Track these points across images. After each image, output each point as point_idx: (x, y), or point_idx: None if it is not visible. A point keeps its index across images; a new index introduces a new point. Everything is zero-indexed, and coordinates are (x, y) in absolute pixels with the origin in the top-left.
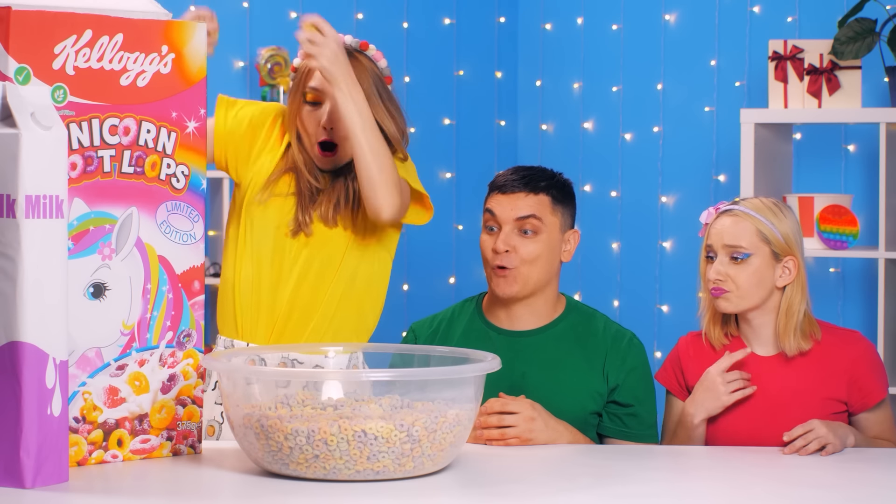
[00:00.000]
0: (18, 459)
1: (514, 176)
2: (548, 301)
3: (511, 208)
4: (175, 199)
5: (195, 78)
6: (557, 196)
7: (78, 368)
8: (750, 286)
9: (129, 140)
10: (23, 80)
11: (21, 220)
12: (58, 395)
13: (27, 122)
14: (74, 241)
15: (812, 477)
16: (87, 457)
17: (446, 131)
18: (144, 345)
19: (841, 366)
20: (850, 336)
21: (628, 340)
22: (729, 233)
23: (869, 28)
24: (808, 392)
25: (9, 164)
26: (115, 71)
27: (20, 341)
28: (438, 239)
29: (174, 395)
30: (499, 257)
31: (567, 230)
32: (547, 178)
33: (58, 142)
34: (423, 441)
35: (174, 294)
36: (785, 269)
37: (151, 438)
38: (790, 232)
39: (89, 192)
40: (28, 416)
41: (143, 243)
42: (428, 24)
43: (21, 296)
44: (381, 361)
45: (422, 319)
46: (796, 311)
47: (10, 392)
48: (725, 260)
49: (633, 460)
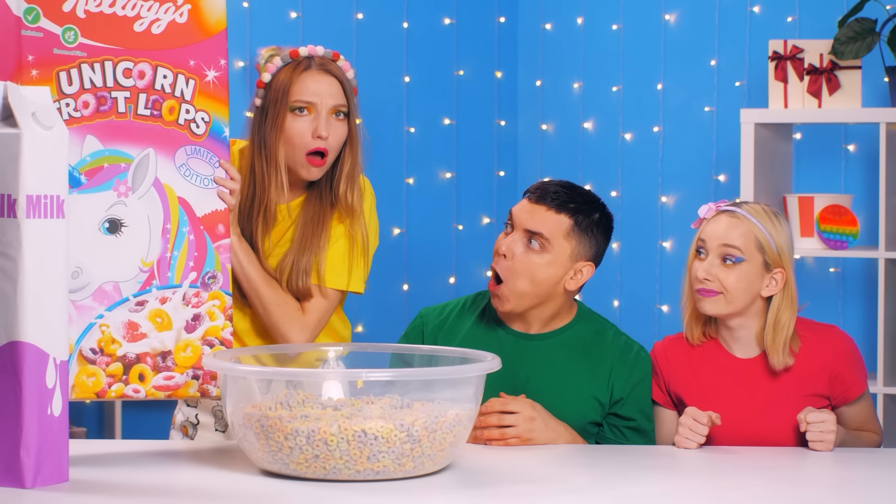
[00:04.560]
0: (18, 459)
1: (549, 187)
2: (555, 310)
3: (527, 217)
4: (195, 144)
5: (214, 29)
6: (582, 223)
7: (94, 300)
8: (737, 290)
9: (144, 84)
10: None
11: (22, 219)
12: (58, 395)
13: (28, 122)
14: (88, 176)
15: (810, 476)
16: (107, 389)
17: (446, 131)
18: (166, 283)
19: (821, 362)
20: (828, 332)
21: (636, 353)
22: (726, 234)
23: (869, 28)
24: (790, 391)
25: (10, 163)
26: (129, 17)
27: (21, 341)
28: (438, 239)
29: (200, 335)
30: (497, 259)
31: (580, 260)
32: (580, 201)
33: (59, 142)
34: (423, 441)
35: (196, 236)
36: (773, 279)
37: (176, 376)
38: (784, 244)
39: (103, 130)
40: (28, 416)
41: (161, 184)
42: (428, 24)
43: (22, 296)
44: (381, 361)
45: (432, 306)
46: (785, 326)
47: (11, 392)
48: (716, 261)
49: (632, 460)
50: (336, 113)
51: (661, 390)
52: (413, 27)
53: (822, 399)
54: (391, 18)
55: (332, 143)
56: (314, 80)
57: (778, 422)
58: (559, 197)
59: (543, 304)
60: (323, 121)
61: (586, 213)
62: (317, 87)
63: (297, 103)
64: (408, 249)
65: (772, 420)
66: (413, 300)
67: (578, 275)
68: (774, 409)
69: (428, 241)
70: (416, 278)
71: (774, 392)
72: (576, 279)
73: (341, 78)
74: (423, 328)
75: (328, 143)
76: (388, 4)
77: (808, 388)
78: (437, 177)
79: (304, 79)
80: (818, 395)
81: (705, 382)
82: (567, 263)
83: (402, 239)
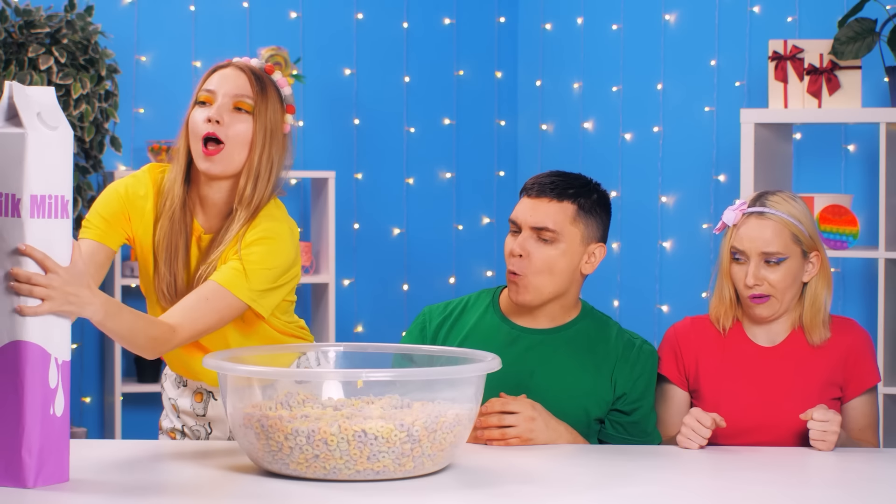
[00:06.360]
0: (20, 459)
1: (544, 180)
2: (564, 306)
3: (531, 214)
4: None
5: None
6: (585, 206)
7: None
8: (785, 287)
9: None
10: None
11: (26, 219)
12: (60, 395)
13: (33, 122)
14: None
15: (812, 476)
16: None
17: (446, 131)
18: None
19: (838, 350)
20: (846, 323)
21: (638, 347)
22: (763, 239)
23: (869, 28)
24: (808, 379)
25: (14, 163)
26: None
27: (24, 341)
28: (438, 239)
29: None
30: (512, 261)
31: (592, 243)
32: (577, 185)
33: (64, 142)
34: (423, 441)
35: None
36: (810, 263)
37: None
38: (811, 226)
39: None
40: (31, 415)
41: None
42: (428, 23)
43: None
44: (381, 361)
45: (436, 304)
46: (822, 304)
47: (13, 391)
48: (760, 264)
49: (634, 460)
50: (239, 108)
51: (677, 370)
52: (413, 27)
53: (837, 389)
54: (391, 18)
55: (230, 134)
56: (221, 74)
57: (794, 409)
58: (557, 186)
59: (562, 295)
60: (217, 107)
61: (586, 195)
62: (220, 78)
63: (202, 94)
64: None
65: (790, 408)
66: (413, 300)
67: (592, 257)
68: (792, 397)
69: (428, 241)
70: (416, 278)
71: (792, 380)
72: (590, 262)
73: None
74: (427, 325)
75: (222, 132)
76: (388, 4)
77: (824, 376)
78: (437, 177)
79: (214, 74)
80: (834, 383)
81: (726, 367)
82: (580, 249)
83: (401, 239)
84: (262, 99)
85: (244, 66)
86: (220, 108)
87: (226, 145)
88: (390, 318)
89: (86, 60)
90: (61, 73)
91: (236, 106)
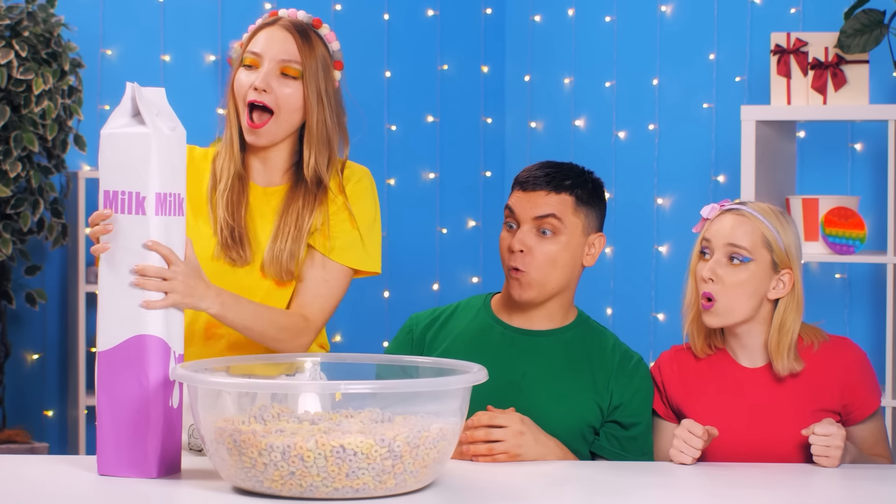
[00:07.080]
0: (146, 450)
1: (538, 172)
2: (563, 305)
3: (530, 206)
4: None
5: None
6: (583, 196)
7: None
8: (740, 293)
9: None
10: None
11: (151, 217)
12: (177, 387)
13: (155, 122)
14: None
15: (813, 494)
16: None
17: (429, 129)
18: None
19: (833, 376)
20: (840, 344)
21: (636, 362)
22: (732, 232)
23: (877, 20)
24: (800, 405)
25: (141, 162)
26: None
27: (148, 334)
28: (421, 243)
29: None
30: (514, 257)
31: (591, 233)
32: (573, 176)
33: (180, 142)
34: (405, 457)
35: None
36: (780, 281)
37: None
38: (792, 244)
39: None
40: (154, 408)
41: None
42: (410, 15)
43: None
44: (361, 372)
45: (422, 311)
46: (790, 329)
47: (137, 384)
48: (723, 259)
49: (626, 477)
50: (285, 73)
51: (663, 403)
52: (394, 19)
53: (834, 415)
54: (371, 9)
55: (280, 101)
56: (268, 34)
57: (785, 436)
58: (553, 178)
59: (564, 290)
60: (263, 73)
61: (581, 185)
62: (267, 40)
63: (247, 57)
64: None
65: (779, 434)
66: (394, 308)
67: (592, 248)
68: (782, 422)
69: (410, 246)
70: (398, 285)
71: (782, 404)
72: (591, 254)
73: (307, 37)
74: (413, 329)
75: (270, 99)
76: None
77: (818, 403)
78: (420, 177)
79: (260, 33)
80: (829, 410)
81: (711, 394)
82: (581, 240)
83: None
84: (310, 61)
85: (291, 25)
86: (266, 75)
87: (275, 114)
88: (370, 327)
89: (48, 54)
90: (22, 67)
91: (283, 71)
